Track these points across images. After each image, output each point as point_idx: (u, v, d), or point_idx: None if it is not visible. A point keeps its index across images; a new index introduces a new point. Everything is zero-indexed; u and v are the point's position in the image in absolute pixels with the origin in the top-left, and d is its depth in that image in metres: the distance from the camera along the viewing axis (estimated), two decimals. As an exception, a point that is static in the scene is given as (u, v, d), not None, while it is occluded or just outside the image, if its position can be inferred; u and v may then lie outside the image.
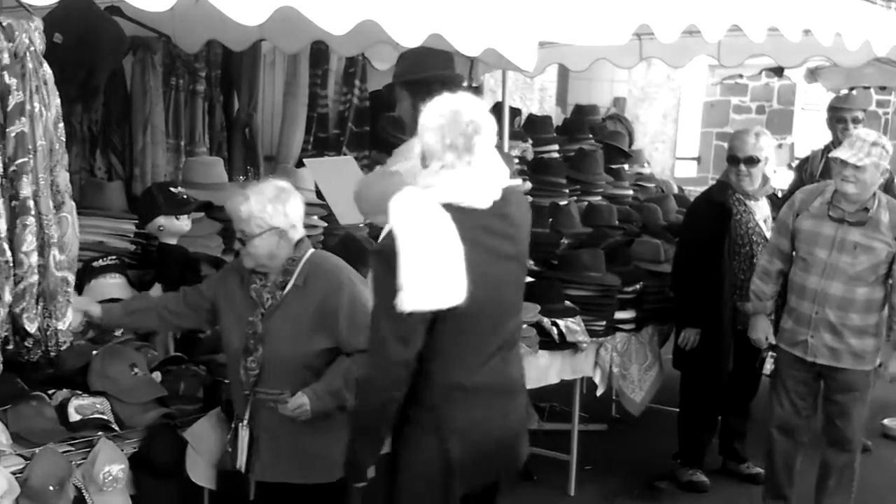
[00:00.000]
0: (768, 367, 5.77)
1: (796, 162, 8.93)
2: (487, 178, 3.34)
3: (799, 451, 5.50)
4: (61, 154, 3.80)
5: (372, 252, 3.41)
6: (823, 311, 5.18)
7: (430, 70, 4.42)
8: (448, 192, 3.27)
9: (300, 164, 6.56)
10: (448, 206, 3.24)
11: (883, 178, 5.16)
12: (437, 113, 3.32)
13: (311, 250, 4.00)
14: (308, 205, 5.59)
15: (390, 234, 3.23)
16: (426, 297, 3.15)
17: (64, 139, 3.83)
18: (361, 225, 5.52)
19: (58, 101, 3.78)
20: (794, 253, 5.41)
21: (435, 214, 3.20)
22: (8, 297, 3.62)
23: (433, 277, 3.15)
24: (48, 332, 3.79)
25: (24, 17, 3.69)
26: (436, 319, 3.24)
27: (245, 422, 3.92)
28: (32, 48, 3.66)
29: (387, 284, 3.18)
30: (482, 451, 3.42)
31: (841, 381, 5.26)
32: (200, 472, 4.05)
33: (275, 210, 3.88)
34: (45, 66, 3.72)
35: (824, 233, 5.20)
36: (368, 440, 3.45)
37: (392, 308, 3.16)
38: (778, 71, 9.15)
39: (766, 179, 6.19)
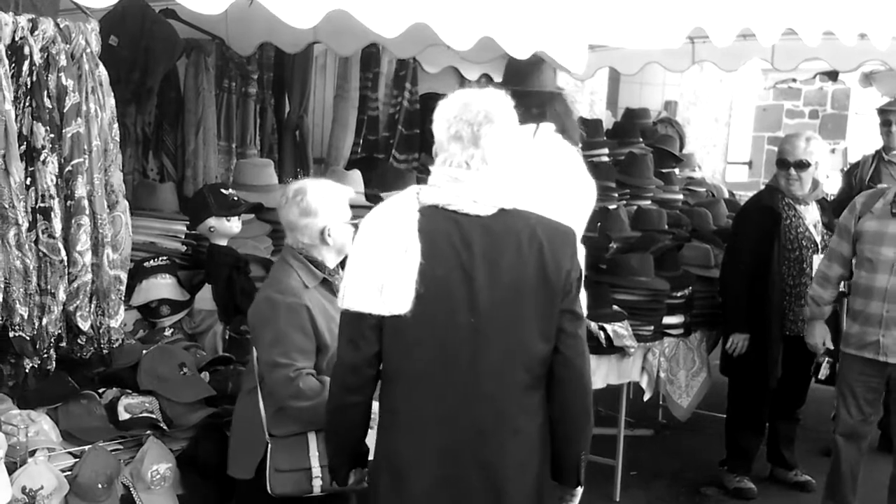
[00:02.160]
0: (823, 372, 5.71)
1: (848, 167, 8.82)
2: (491, 182, 3.00)
3: (863, 458, 5.41)
4: (115, 154, 3.85)
5: None
6: (894, 308, 5.11)
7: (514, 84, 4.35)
8: (442, 192, 3.01)
9: (350, 167, 6.59)
10: (435, 209, 3.00)
11: None
12: (449, 103, 3.07)
13: None
14: (355, 207, 5.67)
15: None
16: (360, 299, 2.96)
17: (118, 140, 3.87)
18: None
19: (112, 101, 3.82)
20: (854, 257, 5.36)
21: (400, 217, 2.98)
22: (62, 296, 3.67)
23: (372, 280, 2.94)
24: (101, 330, 3.84)
25: (81, 19, 3.74)
26: (381, 326, 3.00)
27: None
28: (89, 50, 3.71)
29: None
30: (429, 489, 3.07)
31: None
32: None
33: None
34: (101, 67, 3.76)
35: (890, 231, 5.15)
36: (329, 442, 3.37)
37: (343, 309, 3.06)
38: (832, 75, 9.08)
39: (816, 184, 6.13)
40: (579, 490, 3.28)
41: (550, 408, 3.12)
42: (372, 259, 2.95)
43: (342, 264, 3.89)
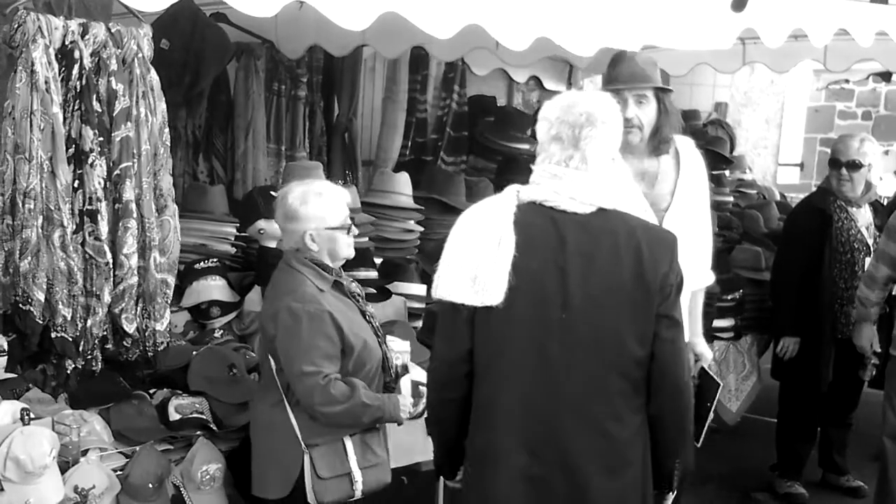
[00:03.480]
0: (869, 374, 5.64)
1: (903, 169, 8.69)
2: (591, 181, 2.98)
3: None
4: (165, 159, 3.87)
5: None
6: None
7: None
8: (541, 189, 3.00)
9: (398, 169, 6.59)
10: (533, 205, 2.99)
11: None
12: (553, 103, 3.05)
13: None
14: (403, 209, 5.68)
15: None
16: (453, 288, 2.95)
17: (169, 144, 3.90)
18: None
19: (164, 106, 3.85)
20: None
21: (497, 211, 2.98)
22: (107, 298, 3.71)
23: (466, 270, 2.93)
24: (146, 333, 3.88)
25: (133, 24, 3.77)
26: (473, 320, 3.01)
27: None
28: (140, 54, 3.74)
29: None
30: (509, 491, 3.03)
31: None
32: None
33: None
34: (153, 72, 3.80)
35: None
36: (432, 438, 3.37)
37: (440, 303, 3.07)
38: (886, 76, 8.94)
39: (869, 186, 6.05)
40: (670, 496, 3.24)
41: (649, 415, 3.07)
42: (467, 250, 2.95)
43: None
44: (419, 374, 3.98)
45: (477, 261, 2.92)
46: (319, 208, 3.80)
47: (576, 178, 2.96)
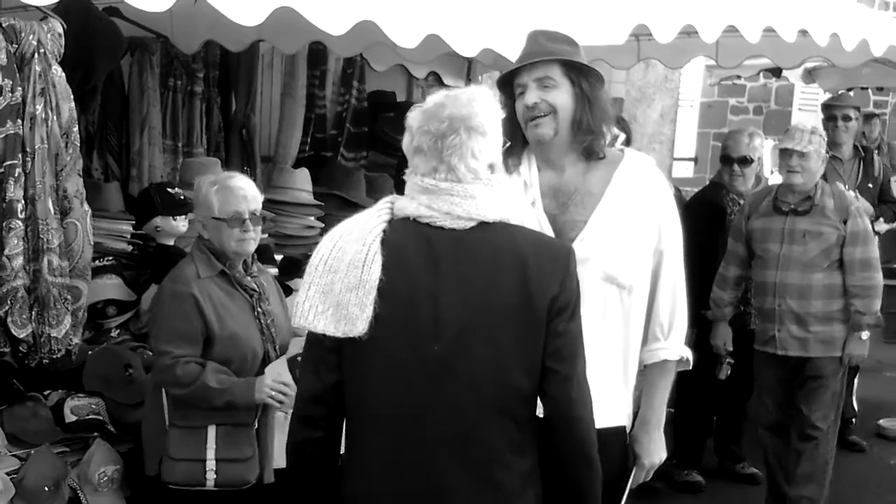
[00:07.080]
0: (725, 372, 5.80)
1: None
2: (467, 193, 2.58)
3: (791, 447, 5.49)
4: (74, 159, 3.79)
5: None
6: (785, 302, 5.30)
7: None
8: (414, 203, 2.61)
9: (298, 165, 6.57)
10: (407, 222, 2.61)
11: (823, 165, 5.35)
12: (417, 110, 2.64)
13: None
14: (304, 205, 5.67)
15: None
16: (311, 316, 2.57)
17: (77, 144, 3.81)
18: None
19: (71, 104, 3.76)
20: (751, 257, 5.53)
21: (366, 228, 2.60)
22: (-16, 300, 3.59)
23: (327, 295, 2.56)
24: (41, 339, 3.77)
25: (37, 19, 3.69)
26: (340, 350, 2.60)
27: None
28: (42, 50, 3.65)
29: None
30: None
31: (809, 369, 5.35)
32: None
33: None
34: (56, 68, 3.70)
35: (774, 227, 5.36)
36: (294, 485, 2.80)
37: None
38: (776, 72, 9.11)
39: (759, 180, 6.23)
40: None
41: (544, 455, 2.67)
42: (328, 272, 2.57)
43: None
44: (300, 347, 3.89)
45: (339, 285, 2.54)
46: (210, 198, 3.83)
47: (449, 191, 2.58)
